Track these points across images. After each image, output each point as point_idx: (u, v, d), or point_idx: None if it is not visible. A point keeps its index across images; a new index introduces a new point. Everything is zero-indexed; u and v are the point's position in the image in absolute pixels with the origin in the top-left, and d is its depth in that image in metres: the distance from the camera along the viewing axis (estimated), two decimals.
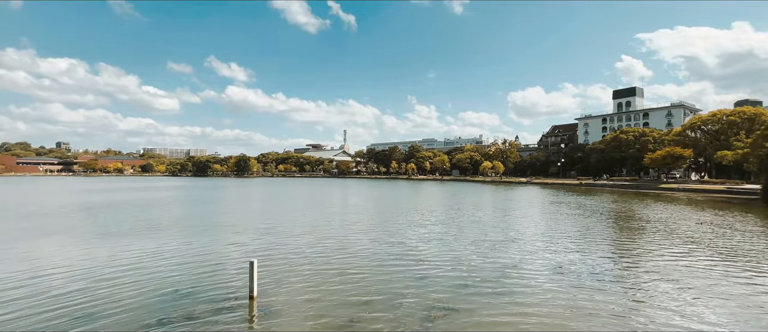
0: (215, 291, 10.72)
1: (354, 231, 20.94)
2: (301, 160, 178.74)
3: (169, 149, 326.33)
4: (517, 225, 23.05)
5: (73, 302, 9.77)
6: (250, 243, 17.54)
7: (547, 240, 18.28)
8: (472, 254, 15.37)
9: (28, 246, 16.59)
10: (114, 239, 18.46)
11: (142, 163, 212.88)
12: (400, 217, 26.85)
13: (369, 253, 15.57)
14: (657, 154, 66.92)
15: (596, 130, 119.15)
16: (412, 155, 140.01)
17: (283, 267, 13.27)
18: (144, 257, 14.75)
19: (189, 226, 22.77)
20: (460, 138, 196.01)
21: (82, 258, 14.47)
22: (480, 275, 12.37)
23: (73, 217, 26.50)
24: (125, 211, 30.28)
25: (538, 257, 14.85)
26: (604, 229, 21.76)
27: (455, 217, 27.01)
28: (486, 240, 18.23)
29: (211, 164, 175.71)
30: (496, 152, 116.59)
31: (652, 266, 13.58)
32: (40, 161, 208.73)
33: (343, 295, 10.41)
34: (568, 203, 37.71)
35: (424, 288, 11.05)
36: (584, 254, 15.36)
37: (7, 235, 19.37)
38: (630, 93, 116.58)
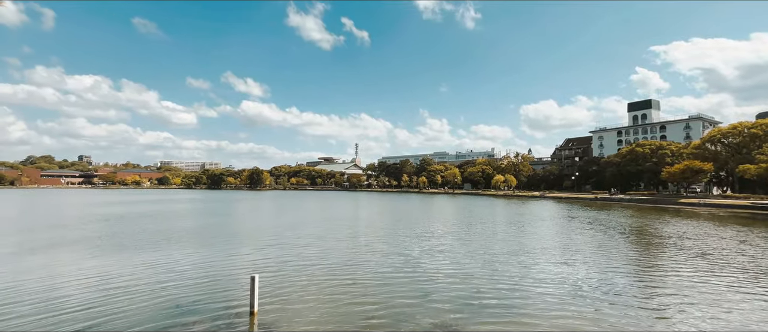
0: (216, 305, 10.64)
1: (361, 246, 20.73)
2: (312, 173, 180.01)
3: (185, 162, 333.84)
4: (530, 241, 22.46)
5: (76, 312, 9.82)
6: (254, 258, 17.51)
7: (561, 257, 17.71)
8: (482, 271, 14.97)
9: (46, 257, 16.93)
10: (123, 251, 18.69)
11: (158, 175, 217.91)
12: (408, 232, 26.52)
13: (375, 269, 15.32)
14: (675, 168, 64.96)
15: (611, 143, 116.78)
16: (423, 168, 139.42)
17: (286, 283, 13.14)
18: (149, 269, 14.85)
19: (196, 239, 22.95)
20: (472, 151, 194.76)
21: (91, 270, 14.65)
22: (489, 293, 11.98)
23: (87, 229, 27.06)
24: (138, 224, 30.79)
25: (551, 275, 14.34)
26: (621, 246, 20.99)
27: (465, 232, 26.53)
28: (497, 256, 17.77)
29: (225, 177, 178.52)
30: (508, 165, 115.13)
31: (673, 285, 12.94)
32: (63, 174, 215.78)
33: (346, 313, 10.19)
34: (583, 218, 36.71)
35: (430, 306, 10.74)
36: (600, 272, 14.78)
37: (29, 245, 19.85)
38: (646, 105, 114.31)
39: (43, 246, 20.19)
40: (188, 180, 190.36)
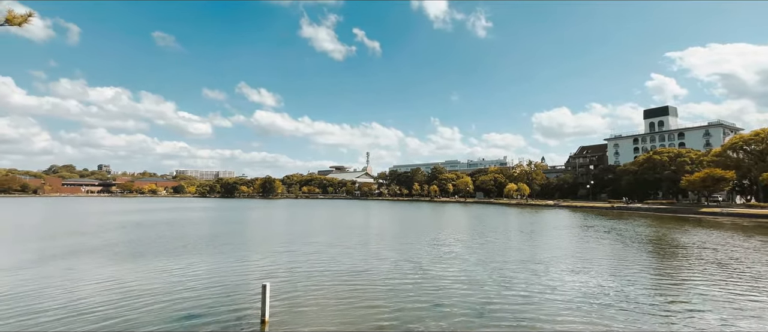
0: (228, 313, 10.74)
1: (372, 254, 20.68)
2: (324, 181, 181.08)
3: (199, 171, 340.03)
4: (543, 250, 22.03)
5: (94, 317, 10.04)
6: (266, 265, 17.63)
7: (575, 266, 17.31)
8: (495, 281, 14.74)
9: (67, 263, 17.40)
10: (140, 258, 19.07)
11: (174, 184, 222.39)
12: (420, 241, 26.34)
13: (386, 277, 15.25)
14: (695, 176, 63.06)
15: (627, 151, 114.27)
16: (434, 177, 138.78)
17: (297, 291, 13.18)
18: (164, 276, 15.10)
19: (210, 246, 23.25)
20: (484, 159, 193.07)
21: (109, 276, 14.98)
22: (502, 304, 11.77)
23: (106, 236, 27.74)
24: (154, 231, 31.43)
25: (565, 284, 14.01)
26: (638, 256, 20.40)
27: (477, 241, 26.21)
28: (510, 266, 17.48)
29: (238, 186, 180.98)
30: (521, 174, 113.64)
31: (694, 297, 12.49)
32: (83, 182, 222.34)
33: (357, 322, 10.15)
34: (599, 227, 35.86)
35: (440, 314, 10.62)
36: (616, 282, 14.38)
37: (51, 252, 20.45)
38: (662, 112, 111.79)
39: (64, 252, 20.77)
40: (203, 189, 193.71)
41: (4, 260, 18.73)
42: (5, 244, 24.89)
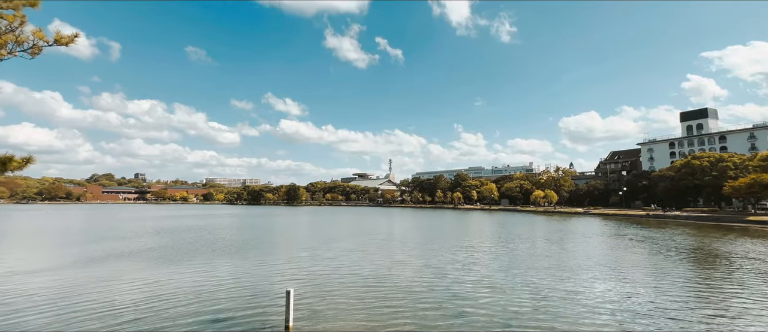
0: (253, 318, 10.94)
1: (395, 262, 20.55)
2: (347, 189, 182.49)
3: (227, 179, 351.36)
4: (572, 259, 21.16)
5: (127, 318, 10.49)
6: (291, 271, 17.89)
7: (607, 277, 16.50)
8: (521, 293, 14.27)
9: (105, 266, 18.36)
10: (172, 263, 19.84)
11: (204, 192, 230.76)
12: (443, 248, 25.96)
13: (410, 285, 15.10)
14: (740, 182, 58.96)
15: (663, 156, 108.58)
16: (458, 184, 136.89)
17: (321, 297, 13.27)
18: (194, 280, 15.61)
19: (237, 252, 23.86)
20: (509, 166, 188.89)
21: (143, 279, 15.66)
22: (529, 314, 11.38)
23: (142, 241, 29.09)
24: (185, 236, 32.67)
25: (595, 296, 13.37)
26: (677, 266, 19.21)
27: (502, 249, 25.54)
28: (536, 275, 16.90)
29: (264, 193, 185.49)
30: (548, 180, 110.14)
31: (736, 311, 11.60)
32: (121, 190, 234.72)
33: (380, 330, 10.08)
34: (633, 236, 34.08)
35: (465, 325, 10.38)
36: (651, 294, 13.58)
37: (92, 255, 21.65)
38: (701, 114, 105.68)
39: (104, 255, 21.92)
40: (230, 196, 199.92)
41: (51, 262, 19.99)
42: (53, 248, 26.56)
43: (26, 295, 13.41)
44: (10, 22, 5.50)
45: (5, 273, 17.26)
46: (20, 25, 5.54)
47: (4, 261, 20.98)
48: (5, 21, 5.50)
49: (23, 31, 5.74)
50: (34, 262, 20.27)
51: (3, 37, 5.41)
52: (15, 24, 5.51)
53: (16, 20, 5.53)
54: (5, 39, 5.44)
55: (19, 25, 5.54)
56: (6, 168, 5.58)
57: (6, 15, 5.54)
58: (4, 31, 5.43)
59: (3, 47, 5.49)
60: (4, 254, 23.93)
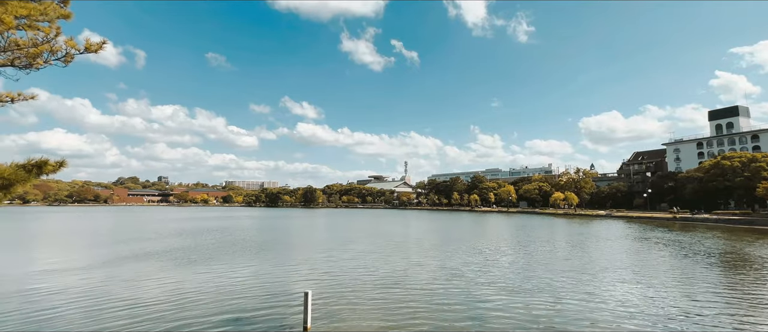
0: (272, 318, 11.11)
1: (412, 265, 20.48)
2: (363, 191, 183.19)
3: (246, 182, 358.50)
4: (593, 262, 20.56)
5: (151, 316, 10.84)
6: (308, 272, 18.08)
7: (630, 280, 15.95)
8: (539, 295, 13.98)
9: (131, 266, 19.06)
10: (193, 263, 20.38)
11: (223, 194, 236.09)
12: (461, 251, 25.70)
13: (426, 287, 15.02)
14: None
15: (690, 156, 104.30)
16: (475, 186, 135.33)
17: (338, 299, 13.36)
18: (214, 281, 15.98)
19: (256, 253, 24.30)
20: (527, 167, 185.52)
21: (166, 279, 16.15)
22: (549, 319, 11.13)
23: (166, 242, 30.02)
24: (206, 238, 33.53)
25: (617, 301, 12.95)
26: (707, 271, 18.39)
27: (521, 253, 25.07)
28: (556, 278, 16.51)
29: (282, 195, 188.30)
30: (568, 182, 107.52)
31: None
32: (145, 193, 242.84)
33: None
34: (659, 239, 32.82)
35: (483, 329, 10.24)
36: (685, 302, 13.05)
37: (119, 255, 22.52)
38: (731, 113, 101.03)
39: (129, 255, 22.74)
40: (249, 199, 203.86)
41: (83, 261, 20.87)
42: (82, 248, 27.72)
43: (60, 292, 14.04)
44: (47, 33, 5.83)
45: (41, 272, 18.13)
46: (55, 36, 5.86)
47: (40, 260, 22.05)
48: (42, 32, 5.83)
49: (57, 41, 6.05)
50: (67, 262, 21.21)
51: (40, 47, 5.74)
52: (50, 35, 5.83)
53: (51, 32, 5.86)
54: (41, 49, 5.76)
55: (55, 36, 5.86)
56: (41, 171, 5.87)
57: (43, 27, 5.87)
58: (40, 42, 5.75)
59: (39, 57, 5.82)
60: (41, 254, 25.17)
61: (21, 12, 5.71)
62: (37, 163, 5.65)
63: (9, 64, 5.79)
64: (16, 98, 6.30)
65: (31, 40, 5.73)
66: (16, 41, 5.66)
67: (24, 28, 5.82)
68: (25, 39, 5.72)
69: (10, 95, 6.27)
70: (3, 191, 5.85)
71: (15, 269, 19.10)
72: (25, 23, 6.06)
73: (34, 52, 5.71)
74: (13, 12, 5.56)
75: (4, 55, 5.69)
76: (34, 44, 5.71)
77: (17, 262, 21.25)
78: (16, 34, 5.63)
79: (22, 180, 5.62)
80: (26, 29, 5.85)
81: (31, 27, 6.12)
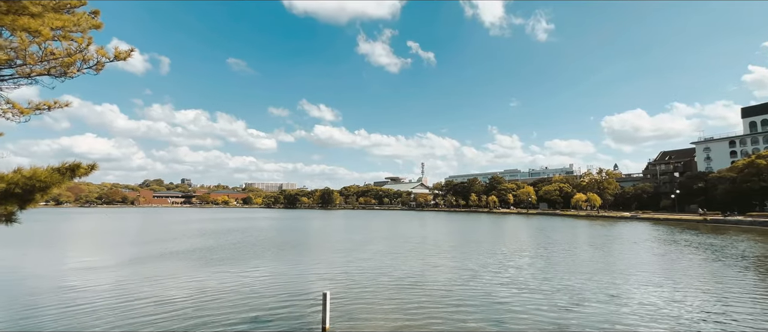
0: (291, 318, 11.29)
1: (430, 266, 20.38)
2: (380, 192, 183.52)
3: (265, 183, 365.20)
4: (618, 265, 19.88)
5: (174, 314, 11.19)
6: (326, 273, 18.26)
7: (657, 284, 15.34)
8: (560, 298, 13.64)
9: (157, 265, 19.76)
10: (215, 263, 20.93)
11: (243, 196, 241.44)
12: (479, 253, 25.38)
13: (445, 290, 14.91)
14: None
15: (721, 156, 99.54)
16: (493, 187, 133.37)
17: (356, 300, 13.44)
18: (235, 280, 16.36)
19: (275, 254, 24.72)
20: (547, 168, 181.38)
21: (189, 278, 16.65)
22: (565, 325, 10.85)
23: (189, 242, 30.96)
24: (227, 238, 34.37)
25: (644, 306, 12.49)
26: (742, 277, 17.49)
27: (541, 255, 24.53)
28: (577, 283, 16.07)
29: (300, 197, 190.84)
30: (590, 183, 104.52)
31: None
32: (169, 195, 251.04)
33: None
34: (688, 242, 31.44)
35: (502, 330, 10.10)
36: (709, 304, 12.47)
37: (146, 255, 23.40)
38: (766, 109, 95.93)
39: (155, 255, 23.57)
40: (268, 200, 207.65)
41: (112, 260, 21.78)
42: (110, 248, 28.91)
43: (91, 288, 14.70)
44: (80, 43, 6.15)
45: (73, 270, 19.03)
46: (87, 46, 6.18)
47: (73, 259, 23.15)
48: (76, 43, 6.15)
49: (89, 50, 6.37)
50: (98, 260, 22.18)
51: (73, 56, 6.06)
52: (83, 45, 6.15)
53: (84, 41, 6.18)
54: (75, 58, 6.08)
55: (87, 46, 6.18)
56: (74, 174, 6.17)
57: (76, 37, 6.20)
58: (74, 51, 6.08)
59: (73, 65, 6.15)
60: (73, 253, 26.43)
61: (57, 24, 6.05)
62: (70, 167, 5.95)
63: (46, 73, 6.15)
64: (53, 106, 6.67)
65: (65, 50, 6.07)
66: (52, 51, 6.00)
67: (59, 39, 6.17)
68: (61, 49, 6.06)
69: (48, 103, 6.65)
70: (40, 193, 6.19)
71: (51, 266, 20.12)
72: (60, 34, 6.42)
73: (68, 61, 6.05)
74: (50, 24, 5.89)
75: (41, 65, 6.05)
76: (69, 54, 6.04)
77: (54, 260, 22.37)
78: (53, 44, 5.98)
79: (57, 182, 5.93)
80: (61, 40, 6.20)
81: (65, 37, 6.47)
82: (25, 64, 5.94)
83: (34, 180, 5.64)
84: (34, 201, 6.11)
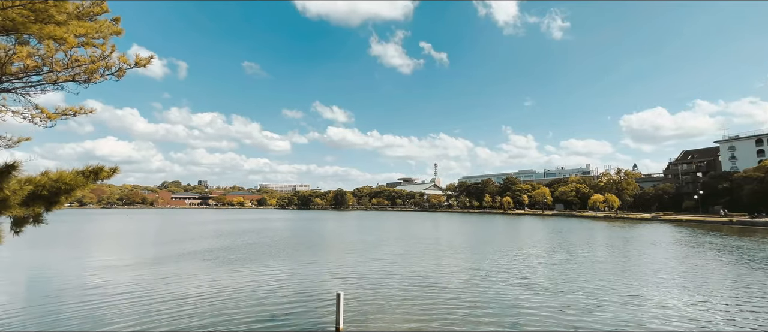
0: (305, 318, 11.38)
1: (443, 268, 20.24)
2: (393, 193, 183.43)
3: (279, 185, 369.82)
4: (639, 268, 19.33)
5: (192, 314, 11.43)
6: (340, 273, 18.34)
7: (680, 286, 14.84)
8: (576, 302, 13.34)
9: (175, 265, 20.25)
10: (229, 263, 21.30)
11: (258, 197, 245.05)
12: (493, 254, 25.07)
13: (459, 291, 14.78)
14: None
15: (748, 155, 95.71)
16: (507, 188, 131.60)
17: (370, 300, 13.45)
18: (249, 280, 16.61)
19: (289, 254, 24.97)
20: (563, 168, 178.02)
21: (206, 278, 16.99)
22: (581, 328, 10.60)
23: (206, 243, 31.62)
24: (243, 239, 34.95)
25: (668, 310, 12.09)
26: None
27: (558, 256, 24.06)
28: (595, 285, 15.69)
29: (313, 198, 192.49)
30: (608, 183, 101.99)
31: None
32: (186, 196, 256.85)
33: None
34: (713, 245, 30.31)
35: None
36: (736, 311, 11.99)
37: (164, 255, 24.00)
38: None
39: (173, 255, 24.14)
40: (282, 201, 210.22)
41: (133, 260, 22.43)
42: (131, 248, 29.76)
43: (112, 286, 15.16)
44: (102, 50, 6.37)
45: (96, 268, 19.66)
46: (110, 53, 6.40)
47: (96, 258, 23.93)
48: (99, 50, 6.38)
49: (111, 57, 6.58)
50: (119, 259, 22.88)
51: (97, 63, 6.28)
52: (106, 51, 6.37)
53: (107, 48, 6.40)
54: (98, 65, 6.30)
55: (110, 53, 6.39)
56: (98, 177, 6.37)
57: (99, 44, 6.43)
58: (97, 58, 6.30)
59: (96, 72, 6.37)
60: (96, 253, 27.31)
61: (80, 31, 6.28)
62: (94, 170, 6.16)
63: (71, 79, 6.40)
64: (78, 112, 6.93)
65: (89, 56, 6.30)
66: (77, 58, 6.24)
67: (83, 46, 6.40)
68: (85, 56, 6.30)
69: (74, 109, 6.91)
70: (65, 195, 6.41)
71: (76, 266, 20.83)
72: (84, 41, 6.66)
73: (92, 68, 6.28)
74: (74, 31, 6.12)
75: (67, 71, 6.29)
76: (92, 60, 6.27)
77: (78, 259, 23.17)
78: (77, 51, 6.22)
79: (82, 185, 6.14)
80: (85, 47, 6.43)
81: (88, 44, 6.71)
82: (52, 70, 6.20)
83: (60, 183, 5.85)
84: (60, 203, 6.34)
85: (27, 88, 6.63)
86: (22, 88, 6.56)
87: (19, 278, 17.78)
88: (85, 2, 6.10)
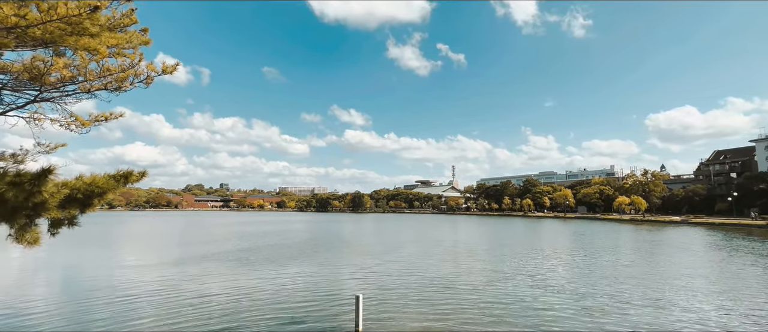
0: (325, 320, 11.49)
1: (462, 271, 20.02)
2: (410, 196, 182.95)
3: (298, 187, 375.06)
4: (667, 273, 18.51)
5: (213, 314, 11.72)
6: (359, 275, 18.42)
7: (712, 291, 14.13)
8: (598, 305, 12.90)
9: (198, 267, 20.85)
10: (250, 264, 21.75)
11: (277, 200, 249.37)
12: (513, 257, 24.59)
13: (478, 294, 14.58)
14: None
15: None
16: (527, 190, 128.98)
17: (388, 303, 13.45)
18: (269, 281, 16.91)
19: (309, 256, 25.28)
20: (585, 170, 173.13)
21: (228, 280, 17.42)
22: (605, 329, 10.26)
23: (229, 244, 32.43)
24: (263, 241, 35.64)
25: (699, 318, 11.54)
26: None
27: (581, 259, 23.36)
28: (619, 289, 15.14)
29: (331, 201, 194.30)
30: (634, 185, 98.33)
31: None
32: (209, 199, 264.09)
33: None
34: (750, 249, 28.70)
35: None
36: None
37: (188, 256, 24.77)
38: None
39: (197, 256, 24.87)
40: (301, 204, 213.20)
41: (159, 260, 23.25)
42: (157, 249, 30.84)
43: (139, 285, 15.75)
44: (132, 59, 6.68)
45: (125, 267, 20.48)
46: (139, 62, 6.70)
47: (125, 258, 24.93)
48: (128, 59, 6.69)
49: (140, 65, 6.88)
50: (146, 259, 23.77)
51: (127, 72, 6.59)
52: (135, 61, 6.68)
53: (136, 58, 6.71)
54: (128, 73, 6.61)
55: (138, 62, 6.70)
56: (127, 181, 6.65)
57: (128, 54, 6.74)
58: (127, 67, 6.60)
59: (126, 80, 6.68)
60: (125, 252, 28.44)
61: (111, 42, 6.60)
62: (124, 174, 6.44)
63: (103, 87, 6.74)
64: (109, 117, 7.28)
65: (120, 66, 6.62)
66: (108, 68, 6.57)
67: (114, 56, 6.74)
68: (116, 65, 6.62)
69: (105, 115, 7.28)
70: (98, 198, 6.73)
71: (106, 265, 21.76)
72: (115, 51, 7.00)
73: (122, 77, 6.59)
74: (106, 42, 6.44)
75: (99, 80, 6.63)
76: (123, 69, 6.58)
77: (108, 259, 24.19)
78: (109, 61, 6.56)
79: (113, 188, 6.44)
80: (116, 57, 6.76)
81: (118, 54, 7.05)
82: (86, 80, 6.55)
83: (94, 187, 6.16)
84: (93, 206, 6.66)
85: (63, 97, 7.02)
86: (59, 97, 6.95)
87: (54, 278, 18.71)
88: (116, 14, 6.43)
